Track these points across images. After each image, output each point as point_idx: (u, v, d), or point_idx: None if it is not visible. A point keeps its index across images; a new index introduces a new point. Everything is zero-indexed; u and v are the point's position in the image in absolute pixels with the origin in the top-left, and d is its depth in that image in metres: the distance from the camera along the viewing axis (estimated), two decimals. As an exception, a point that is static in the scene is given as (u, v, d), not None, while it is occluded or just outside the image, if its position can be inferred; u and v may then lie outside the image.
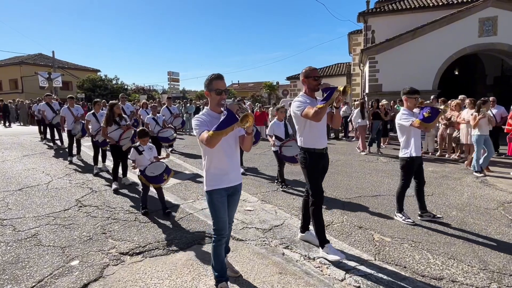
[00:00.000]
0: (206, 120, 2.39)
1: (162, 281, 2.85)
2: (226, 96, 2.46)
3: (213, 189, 2.50)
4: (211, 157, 2.48)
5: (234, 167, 2.57)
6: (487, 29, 13.53)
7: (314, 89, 3.21)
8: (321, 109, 2.86)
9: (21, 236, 3.77)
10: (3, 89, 34.21)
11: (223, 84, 2.45)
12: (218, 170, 2.49)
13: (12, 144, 10.73)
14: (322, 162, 3.28)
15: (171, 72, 31.21)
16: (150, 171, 4.46)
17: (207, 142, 2.21)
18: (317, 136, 3.22)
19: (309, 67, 3.23)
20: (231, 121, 2.16)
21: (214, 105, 2.47)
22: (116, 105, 5.83)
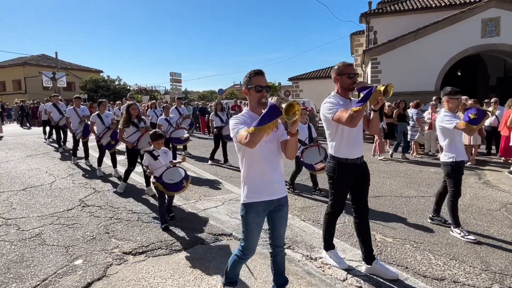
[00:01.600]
0: (247, 120, 2.10)
1: (165, 281, 2.87)
2: (267, 94, 2.16)
3: (251, 202, 2.16)
4: (250, 163, 2.16)
5: (278, 176, 2.22)
6: (490, 30, 13.50)
7: (348, 88, 2.77)
8: (357, 113, 2.43)
9: (25, 235, 3.81)
10: (7, 90, 34.46)
11: (264, 80, 2.16)
12: (259, 179, 2.16)
13: (16, 144, 10.81)
14: (355, 174, 2.87)
15: (173, 73, 31.26)
16: (168, 178, 4.03)
17: (247, 140, 1.89)
18: (350, 144, 2.80)
19: (342, 62, 2.83)
20: (274, 114, 1.81)
21: (254, 104, 2.17)
22: (132, 105, 5.40)
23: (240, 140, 1.98)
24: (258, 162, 2.14)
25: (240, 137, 1.97)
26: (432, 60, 13.96)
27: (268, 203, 2.19)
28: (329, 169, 2.94)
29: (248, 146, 1.92)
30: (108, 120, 6.63)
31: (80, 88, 31.14)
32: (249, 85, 2.15)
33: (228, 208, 4.77)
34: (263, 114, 1.85)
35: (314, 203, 5.00)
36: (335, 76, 2.81)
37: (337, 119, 2.61)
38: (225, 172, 7.15)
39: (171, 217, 4.28)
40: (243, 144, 1.95)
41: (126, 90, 33.82)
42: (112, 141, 6.34)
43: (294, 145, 2.10)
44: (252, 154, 2.11)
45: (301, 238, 3.74)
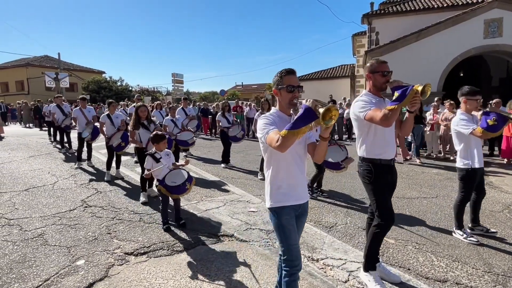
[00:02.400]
0: (276, 120, 1.98)
1: (167, 281, 2.87)
2: (299, 95, 2.04)
3: (281, 206, 2.05)
4: (278, 167, 2.04)
5: (303, 181, 2.14)
6: (492, 31, 13.45)
7: (382, 87, 2.64)
8: (393, 112, 2.31)
9: (28, 235, 3.82)
10: (10, 91, 34.65)
11: (296, 79, 2.03)
12: (286, 183, 2.05)
13: (19, 145, 10.86)
14: (389, 177, 2.73)
15: (175, 73, 31.35)
16: (171, 180, 3.94)
17: (278, 144, 1.75)
18: (384, 144, 2.67)
19: (376, 59, 2.74)
20: (310, 118, 1.70)
21: (285, 105, 2.05)
22: (141, 107, 5.26)
23: (270, 143, 1.85)
24: (287, 165, 2.04)
25: (270, 140, 1.84)
26: (434, 61, 13.92)
27: (295, 208, 2.09)
28: (364, 174, 2.73)
29: (279, 149, 1.79)
30: (118, 121, 6.53)
31: (83, 89, 31.27)
32: (280, 85, 2.02)
33: (230, 209, 4.77)
34: (297, 116, 1.72)
35: (316, 204, 4.99)
36: (368, 73, 2.68)
37: (370, 118, 2.48)
38: (227, 173, 7.15)
39: (181, 224, 4.09)
40: (273, 147, 1.82)
41: (128, 91, 33.96)
42: (123, 143, 6.19)
43: (324, 149, 2.00)
44: (281, 157, 1.99)
45: (303, 239, 3.73)
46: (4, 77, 35.03)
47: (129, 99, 26.35)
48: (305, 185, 2.16)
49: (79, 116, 7.52)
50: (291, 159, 2.04)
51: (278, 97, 2.07)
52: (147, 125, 5.23)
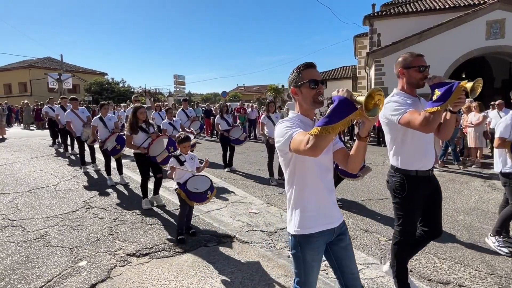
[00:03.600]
0: (300, 125, 1.59)
1: (169, 283, 2.88)
2: (323, 90, 1.67)
3: (308, 234, 1.66)
4: (304, 181, 1.65)
5: (334, 197, 1.76)
6: (494, 32, 13.43)
7: (418, 84, 2.30)
8: (435, 115, 1.96)
9: (30, 236, 3.84)
10: (13, 92, 34.84)
11: (318, 73, 1.66)
12: (314, 203, 1.66)
13: (21, 146, 10.91)
14: (427, 190, 2.39)
15: (177, 75, 31.41)
16: (193, 186, 3.68)
17: (309, 145, 1.36)
18: (422, 153, 2.33)
19: (409, 53, 2.36)
20: (347, 110, 1.35)
21: (308, 105, 1.65)
22: (140, 109, 4.83)
23: (297, 147, 1.44)
24: (313, 180, 1.65)
25: (297, 143, 1.44)
26: (436, 62, 13.88)
27: (328, 234, 1.70)
28: (395, 186, 2.40)
29: (311, 153, 1.39)
30: (111, 123, 6.23)
31: (85, 91, 31.39)
32: (299, 82, 1.64)
33: (231, 210, 4.77)
34: (331, 109, 1.36)
35: (317, 205, 4.99)
36: (400, 69, 2.34)
37: (406, 123, 2.10)
38: (228, 175, 7.16)
39: (191, 233, 3.89)
40: (302, 151, 1.42)
41: (130, 93, 34.05)
42: (118, 146, 5.90)
43: (363, 154, 1.60)
44: (308, 169, 1.63)
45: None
46: (7, 78, 35.24)
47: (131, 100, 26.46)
48: (336, 203, 1.77)
49: (74, 119, 7.23)
50: (319, 172, 1.64)
51: (297, 96, 1.68)
52: (145, 128, 4.87)
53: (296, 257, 1.72)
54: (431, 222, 2.46)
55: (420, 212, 2.43)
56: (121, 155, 6.14)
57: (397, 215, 2.46)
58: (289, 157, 1.64)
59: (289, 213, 1.74)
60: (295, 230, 1.68)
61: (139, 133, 4.79)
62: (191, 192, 3.64)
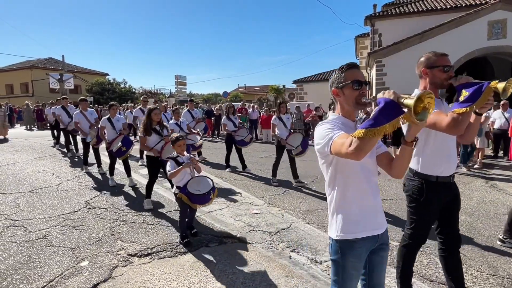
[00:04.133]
0: (342, 128, 1.53)
1: (170, 283, 2.88)
2: (367, 92, 1.62)
3: (351, 240, 1.58)
4: (346, 184, 1.58)
5: (379, 202, 1.66)
6: (496, 32, 13.41)
7: (442, 85, 2.16)
8: (464, 116, 1.86)
9: (32, 236, 3.85)
10: (14, 93, 34.96)
11: (362, 74, 1.61)
12: (358, 206, 1.59)
13: (23, 146, 10.94)
14: (447, 196, 2.29)
15: (178, 75, 31.50)
16: (194, 188, 3.58)
17: (353, 148, 1.30)
18: (444, 157, 2.22)
19: (433, 52, 2.21)
20: (394, 112, 1.28)
21: (350, 106, 1.59)
22: (154, 110, 4.78)
23: (339, 150, 1.38)
24: (357, 182, 1.57)
25: (339, 145, 1.38)
26: (437, 62, 13.89)
27: (371, 240, 1.61)
28: (412, 190, 2.30)
29: (354, 156, 1.32)
30: (119, 124, 6.18)
31: (86, 91, 31.47)
32: (341, 83, 1.58)
33: (233, 211, 4.77)
34: (376, 111, 1.29)
35: (319, 206, 4.99)
36: (423, 69, 2.20)
37: (432, 124, 2.00)
38: (229, 175, 7.16)
39: (193, 233, 3.85)
40: (344, 154, 1.36)
41: (131, 93, 34.13)
42: (123, 148, 5.84)
43: (408, 159, 1.53)
44: (351, 172, 1.56)
45: (306, 241, 3.73)
46: (9, 79, 35.37)
47: (132, 101, 26.50)
48: (382, 208, 1.68)
49: (81, 120, 7.14)
50: (363, 175, 1.58)
51: (339, 98, 1.62)
52: (159, 130, 4.81)
53: (335, 264, 1.63)
54: (449, 230, 2.35)
55: (435, 218, 2.34)
56: (127, 157, 6.05)
57: (410, 218, 2.37)
58: (330, 160, 1.59)
59: (330, 216, 1.67)
60: (337, 234, 1.59)
61: (153, 135, 4.75)
62: (193, 195, 3.54)
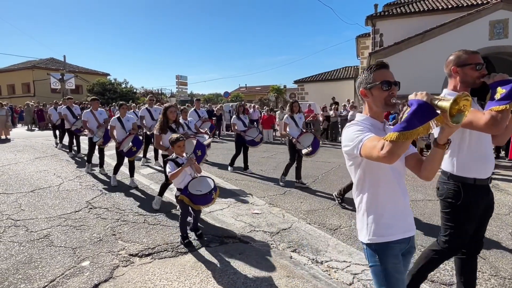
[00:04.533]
0: (370, 128, 1.51)
1: (171, 283, 2.88)
2: (397, 92, 1.56)
3: (386, 243, 1.53)
4: (377, 185, 1.55)
5: (408, 203, 1.64)
6: (498, 32, 13.37)
7: (474, 83, 2.08)
8: (503, 114, 1.78)
9: (34, 236, 3.85)
10: (16, 93, 35.06)
11: (391, 74, 1.56)
12: (389, 210, 1.55)
13: (25, 146, 10.97)
14: (485, 201, 2.17)
15: (179, 75, 31.54)
16: (195, 189, 3.52)
17: (385, 152, 1.27)
18: (481, 158, 2.10)
19: (463, 50, 2.13)
20: (428, 115, 1.24)
21: (379, 107, 1.56)
22: (170, 108, 4.69)
23: (369, 153, 1.36)
24: (387, 184, 1.54)
25: (370, 148, 1.35)
26: (439, 62, 13.65)
27: (404, 243, 1.57)
28: (447, 194, 2.17)
29: (386, 160, 1.29)
30: (129, 124, 6.13)
31: (87, 91, 31.53)
32: (370, 83, 1.55)
33: (234, 211, 4.77)
34: (410, 114, 1.25)
35: (320, 206, 4.99)
36: (454, 67, 2.13)
37: (468, 123, 1.91)
38: (230, 175, 7.16)
39: (198, 235, 3.79)
40: (375, 157, 1.33)
41: (132, 93, 34.18)
42: (134, 148, 5.77)
43: (439, 162, 1.46)
44: (381, 174, 1.53)
45: (307, 241, 3.73)
46: (10, 79, 35.48)
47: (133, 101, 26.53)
48: (411, 211, 1.65)
49: (90, 119, 7.03)
50: (393, 177, 1.55)
51: (367, 99, 1.59)
52: (175, 128, 4.73)
53: (376, 270, 1.56)
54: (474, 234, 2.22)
55: (474, 225, 2.18)
56: (135, 157, 6.01)
57: (446, 225, 2.20)
58: (359, 162, 1.55)
59: (360, 220, 1.62)
60: (369, 238, 1.55)
61: (168, 133, 4.64)
62: (194, 195, 3.48)
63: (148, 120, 7.95)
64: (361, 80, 1.62)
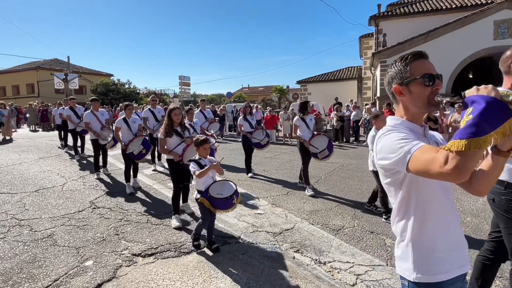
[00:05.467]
0: (412, 135, 1.19)
1: (174, 283, 2.89)
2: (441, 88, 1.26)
3: (438, 282, 1.22)
4: (425, 212, 1.22)
5: (462, 231, 1.32)
6: (502, 32, 13.29)
7: None
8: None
9: (38, 236, 3.88)
10: (20, 93, 35.33)
11: (433, 66, 1.29)
12: (442, 241, 1.22)
13: (29, 146, 11.04)
14: None
15: (182, 76, 31.65)
16: (216, 192, 3.40)
17: (451, 167, 0.96)
18: None
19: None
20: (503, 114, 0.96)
21: (420, 107, 1.25)
22: (174, 110, 4.38)
23: (426, 167, 1.02)
24: (439, 206, 1.23)
25: (425, 162, 1.03)
26: (443, 62, 13.79)
27: (458, 281, 1.27)
28: (506, 206, 1.98)
29: (454, 177, 0.97)
30: (135, 126, 5.92)
31: (91, 92, 31.70)
32: (407, 78, 1.25)
33: (236, 211, 4.77)
34: (477, 114, 0.96)
35: (322, 206, 4.97)
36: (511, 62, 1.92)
37: None
38: (233, 176, 7.16)
39: (214, 249, 3.50)
40: (436, 173, 1.00)
41: (135, 94, 34.31)
42: (143, 150, 5.59)
43: (498, 173, 1.15)
44: (429, 191, 1.22)
45: (310, 242, 3.72)
46: (15, 80, 35.78)
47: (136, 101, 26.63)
48: (465, 240, 1.31)
49: (93, 121, 6.80)
50: (444, 196, 1.24)
51: (403, 97, 1.28)
52: (180, 132, 4.44)
53: None
54: None
55: None
56: (144, 160, 5.82)
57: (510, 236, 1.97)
58: (401, 179, 1.23)
59: (403, 251, 1.28)
60: (417, 276, 1.23)
61: (173, 136, 4.37)
62: (215, 199, 3.35)
63: (152, 122, 7.62)
64: (393, 74, 1.31)
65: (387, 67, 1.37)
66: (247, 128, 7.13)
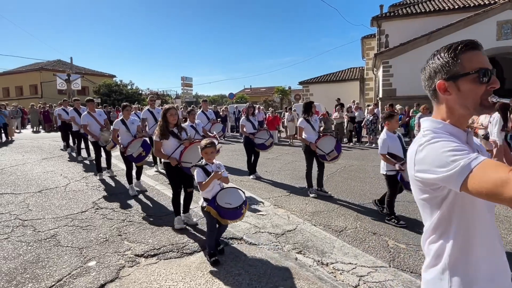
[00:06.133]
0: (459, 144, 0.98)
1: (176, 283, 2.89)
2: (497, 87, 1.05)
3: None
4: (468, 234, 1.04)
5: (506, 259, 1.11)
6: (505, 32, 13.25)
7: None
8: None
9: (41, 236, 3.89)
10: (24, 94, 35.53)
11: (487, 60, 1.07)
12: (486, 270, 1.04)
13: (32, 147, 11.10)
14: None
15: (185, 77, 31.76)
16: (225, 201, 3.16)
17: None
18: None
19: None
20: None
21: (470, 108, 1.05)
22: (170, 111, 4.12)
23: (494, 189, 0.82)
24: (483, 228, 1.05)
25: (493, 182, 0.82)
26: (445, 63, 13.77)
27: None
28: None
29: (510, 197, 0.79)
30: (133, 127, 5.77)
31: (94, 93, 31.83)
32: (456, 72, 1.04)
33: (239, 212, 4.77)
34: None
35: (325, 207, 4.97)
36: None
37: None
38: (235, 177, 7.16)
39: (219, 250, 3.40)
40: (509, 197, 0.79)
41: (138, 94, 34.43)
42: (143, 152, 5.49)
43: None
44: (474, 211, 1.03)
45: (312, 243, 3.71)
46: (19, 81, 35.99)
47: (139, 102, 26.71)
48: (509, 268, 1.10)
49: (91, 122, 6.76)
50: (489, 216, 1.06)
51: (448, 95, 1.07)
52: (177, 133, 4.21)
53: None
54: None
55: None
56: (144, 162, 5.73)
57: None
58: (443, 195, 1.03)
59: (435, 276, 1.09)
60: None
61: (170, 138, 4.13)
62: (223, 208, 3.13)
63: (151, 122, 7.35)
64: (437, 67, 1.08)
65: (429, 58, 1.12)
66: (250, 129, 7.01)
